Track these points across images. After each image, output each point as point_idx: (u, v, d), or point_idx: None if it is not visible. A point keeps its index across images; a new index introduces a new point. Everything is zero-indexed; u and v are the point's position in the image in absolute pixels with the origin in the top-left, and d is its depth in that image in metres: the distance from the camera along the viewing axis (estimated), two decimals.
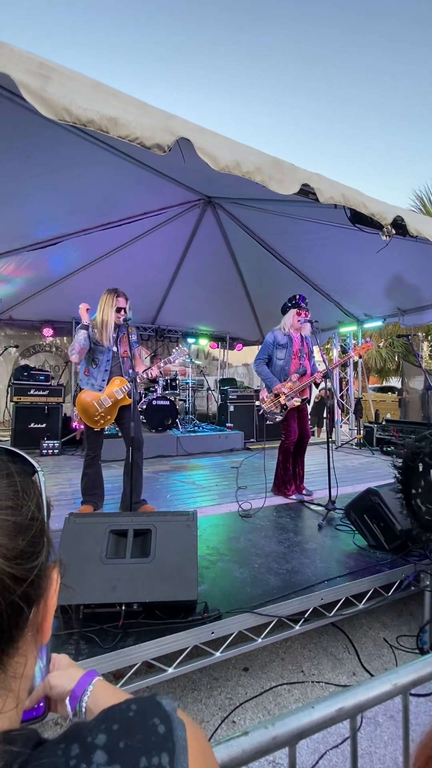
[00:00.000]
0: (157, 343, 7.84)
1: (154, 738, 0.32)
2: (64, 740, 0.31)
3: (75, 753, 0.29)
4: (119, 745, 0.30)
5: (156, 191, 3.58)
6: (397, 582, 2.00)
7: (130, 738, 0.31)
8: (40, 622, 0.36)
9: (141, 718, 0.33)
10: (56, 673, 0.54)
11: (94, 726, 0.32)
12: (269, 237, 4.71)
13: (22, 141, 2.47)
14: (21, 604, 0.31)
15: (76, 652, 1.35)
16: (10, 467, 0.35)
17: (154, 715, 0.34)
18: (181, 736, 0.33)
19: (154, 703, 0.35)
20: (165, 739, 0.32)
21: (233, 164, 1.81)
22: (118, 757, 0.30)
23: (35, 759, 0.29)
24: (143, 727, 0.32)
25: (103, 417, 2.83)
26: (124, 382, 2.84)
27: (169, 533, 1.63)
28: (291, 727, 0.58)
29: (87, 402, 2.81)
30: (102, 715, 0.34)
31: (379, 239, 2.42)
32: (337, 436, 6.88)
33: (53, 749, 0.30)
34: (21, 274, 4.66)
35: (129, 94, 1.67)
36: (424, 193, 10.65)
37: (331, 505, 2.84)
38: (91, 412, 2.82)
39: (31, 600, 0.32)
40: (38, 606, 0.34)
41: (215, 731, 1.56)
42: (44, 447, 5.25)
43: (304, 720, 0.60)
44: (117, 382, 2.84)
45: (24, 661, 0.33)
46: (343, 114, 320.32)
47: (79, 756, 0.29)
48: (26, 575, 0.31)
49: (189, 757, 0.32)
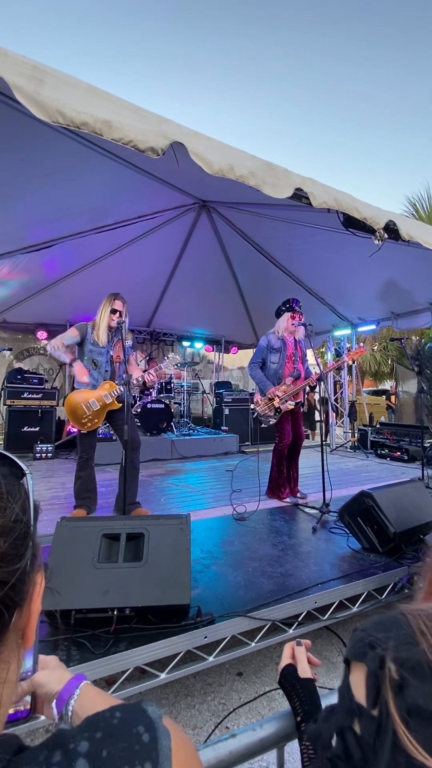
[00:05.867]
0: (152, 347, 7.83)
1: (137, 746, 0.31)
2: (47, 747, 0.30)
3: (56, 760, 0.29)
4: (102, 754, 0.30)
5: (151, 195, 3.59)
6: (390, 584, 2.01)
7: (113, 746, 0.31)
8: (23, 628, 0.35)
9: (125, 725, 0.33)
10: (43, 672, 0.53)
11: (77, 733, 0.32)
12: (263, 241, 4.73)
13: (16, 144, 2.47)
14: (1, 607, 0.30)
15: (67, 658, 1.33)
16: None
17: (139, 722, 0.33)
18: (166, 744, 0.33)
19: (140, 711, 0.35)
20: (149, 748, 0.32)
21: (227, 168, 1.82)
22: (100, 766, 0.29)
23: (16, 765, 0.28)
24: (127, 735, 0.32)
25: (91, 420, 2.83)
26: (114, 386, 2.85)
27: (162, 537, 1.62)
28: (278, 728, 0.57)
29: (76, 403, 2.80)
30: (86, 722, 0.33)
31: (372, 243, 2.45)
32: (331, 439, 6.90)
33: (35, 755, 0.29)
34: (15, 276, 4.64)
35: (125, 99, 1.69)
36: (416, 200, 10.80)
37: (325, 508, 2.84)
38: (79, 414, 2.81)
39: (13, 604, 0.32)
40: (21, 610, 0.34)
41: (209, 737, 1.54)
42: (37, 451, 5.21)
43: (292, 721, 0.59)
44: (107, 386, 2.85)
45: (6, 666, 0.32)
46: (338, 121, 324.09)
47: (61, 763, 0.29)
48: (7, 578, 0.30)
49: (173, 766, 0.32)
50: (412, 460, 5.18)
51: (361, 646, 0.44)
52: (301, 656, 0.74)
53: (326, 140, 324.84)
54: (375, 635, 0.44)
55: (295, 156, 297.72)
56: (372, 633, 0.44)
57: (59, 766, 0.28)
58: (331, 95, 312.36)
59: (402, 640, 0.41)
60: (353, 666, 0.45)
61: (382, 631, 0.44)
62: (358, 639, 0.46)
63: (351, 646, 0.46)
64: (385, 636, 0.43)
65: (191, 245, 5.01)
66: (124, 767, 0.30)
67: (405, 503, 2.24)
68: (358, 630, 0.47)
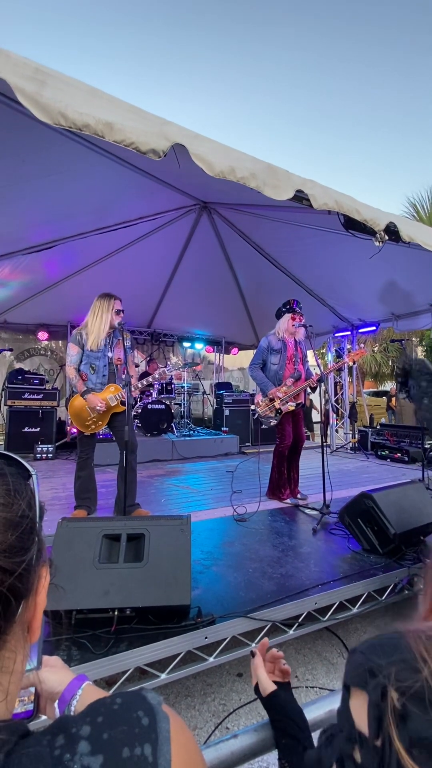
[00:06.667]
0: (153, 347, 7.84)
1: (137, 729, 0.32)
2: (50, 731, 0.32)
3: (60, 743, 0.30)
4: (103, 736, 0.31)
5: (152, 196, 3.60)
6: (391, 586, 2.01)
7: (114, 729, 0.32)
8: (30, 620, 0.37)
9: (125, 710, 0.34)
10: (47, 669, 0.54)
11: (79, 718, 0.33)
12: (264, 242, 4.74)
13: (17, 145, 2.48)
14: (8, 595, 0.32)
15: (67, 658, 1.34)
16: (4, 468, 0.37)
17: (138, 707, 0.34)
18: (165, 728, 0.34)
19: (139, 697, 0.36)
20: (148, 731, 0.33)
21: (228, 170, 1.83)
22: (101, 748, 0.30)
23: (22, 747, 0.29)
24: (127, 718, 0.33)
25: (95, 422, 2.83)
26: (119, 389, 2.84)
27: (163, 538, 1.62)
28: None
29: (80, 406, 2.81)
30: (88, 708, 0.34)
31: (373, 245, 2.45)
32: (332, 440, 6.90)
33: (39, 739, 0.31)
34: (16, 277, 4.65)
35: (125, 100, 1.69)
36: (417, 201, 10.82)
37: (325, 509, 2.84)
38: (84, 416, 2.81)
39: (19, 593, 0.33)
40: (27, 602, 0.35)
41: (209, 737, 1.55)
42: (38, 451, 5.21)
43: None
44: (111, 389, 2.84)
45: (13, 656, 0.34)
46: (338, 122, 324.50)
47: (64, 746, 0.30)
48: (14, 568, 0.32)
49: (172, 748, 0.33)
50: (413, 462, 5.18)
51: (361, 672, 0.43)
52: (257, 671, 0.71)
53: (326, 141, 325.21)
54: (375, 661, 0.43)
55: (295, 157, 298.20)
56: (372, 658, 0.43)
57: (62, 749, 0.30)
58: (331, 96, 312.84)
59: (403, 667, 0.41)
60: (353, 692, 0.44)
61: (383, 656, 0.43)
62: (357, 664, 0.45)
63: (350, 670, 0.45)
64: (386, 662, 0.42)
65: (192, 246, 5.02)
66: (124, 748, 0.31)
67: (405, 505, 2.24)
68: (357, 653, 0.46)
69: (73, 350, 2.85)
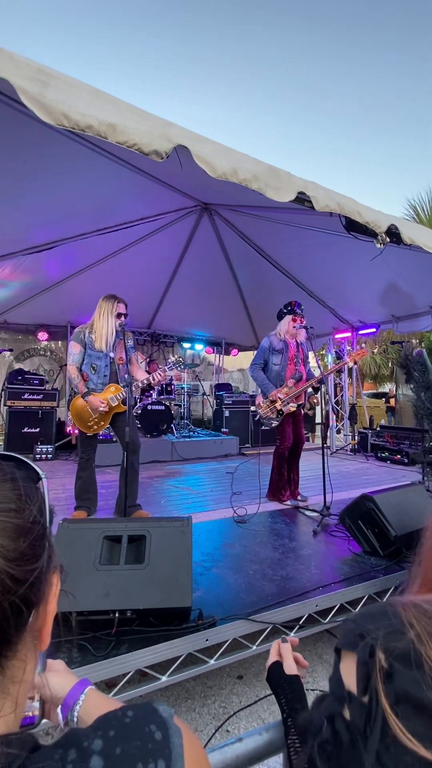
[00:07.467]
0: (153, 348, 7.84)
1: (150, 744, 0.32)
2: (61, 745, 0.31)
3: (72, 758, 0.29)
4: (116, 751, 0.30)
5: (153, 197, 3.60)
6: (391, 588, 2.00)
7: (127, 744, 0.31)
8: (40, 628, 0.36)
9: (137, 724, 0.33)
10: (52, 673, 0.54)
11: (90, 732, 0.32)
12: (265, 243, 4.75)
13: (19, 145, 2.48)
14: (21, 605, 0.31)
15: (68, 660, 1.33)
16: (15, 472, 0.36)
17: (151, 721, 0.34)
18: (178, 743, 0.33)
19: (151, 710, 0.35)
20: (161, 746, 0.32)
21: (230, 172, 1.83)
22: (115, 763, 0.30)
23: (32, 762, 0.29)
24: (140, 733, 0.32)
25: (97, 422, 2.82)
26: (120, 389, 2.83)
27: (164, 539, 1.62)
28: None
29: (81, 407, 2.80)
30: (98, 722, 0.34)
31: (374, 247, 2.45)
32: (332, 441, 6.90)
33: (50, 753, 0.30)
34: (17, 277, 4.65)
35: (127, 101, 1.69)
36: (417, 203, 10.83)
37: (325, 511, 2.84)
38: (85, 417, 2.80)
39: (31, 603, 0.32)
40: (38, 610, 0.34)
41: (209, 740, 1.54)
42: (38, 452, 5.20)
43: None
44: (112, 389, 2.84)
45: (23, 666, 0.33)
46: (338, 123, 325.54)
47: (76, 761, 0.29)
48: (26, 577, 0.31)
49: (185, 763, 0.32)
50: (413, 463, 5.18)
51: (352, 636, 0.46)
52: (286, 653, 0.75)
53: (326, 143, 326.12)
54: (365, 626, 0.45)
55: (295, 158, 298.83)
56: (362, 623, 0.46)
57: (74, 764, 0.29)
58: (331, 98, 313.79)
59: (391, 630, 0.43)
60: (344, 655, 0.47)
61: (372, 622, 0.45)
62: (348, 629, 0.47)
63: (342, 636, 0.48)
64: (374, 626, 0.44)
65: (192, 247, 5.02)
66: (137, 764, 0.30)
67: (406, 507, 2.24)
68: (348, 620, 0.49)
69: (75, 349, 2.83)
